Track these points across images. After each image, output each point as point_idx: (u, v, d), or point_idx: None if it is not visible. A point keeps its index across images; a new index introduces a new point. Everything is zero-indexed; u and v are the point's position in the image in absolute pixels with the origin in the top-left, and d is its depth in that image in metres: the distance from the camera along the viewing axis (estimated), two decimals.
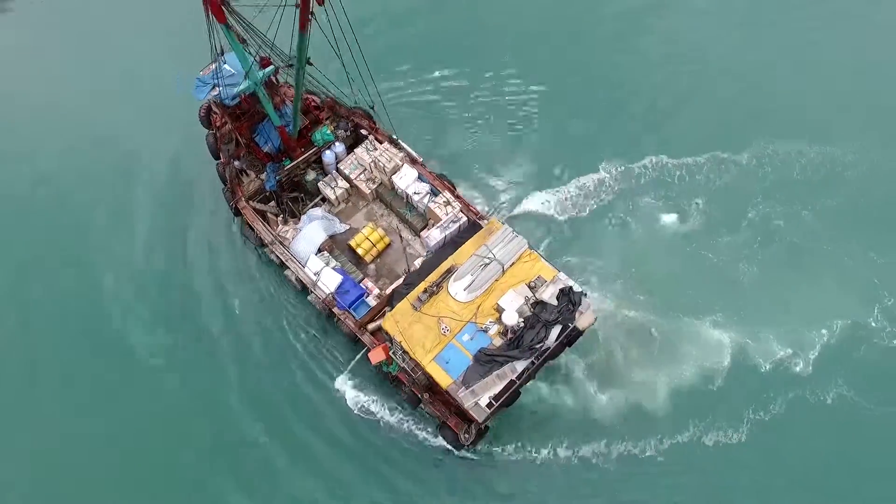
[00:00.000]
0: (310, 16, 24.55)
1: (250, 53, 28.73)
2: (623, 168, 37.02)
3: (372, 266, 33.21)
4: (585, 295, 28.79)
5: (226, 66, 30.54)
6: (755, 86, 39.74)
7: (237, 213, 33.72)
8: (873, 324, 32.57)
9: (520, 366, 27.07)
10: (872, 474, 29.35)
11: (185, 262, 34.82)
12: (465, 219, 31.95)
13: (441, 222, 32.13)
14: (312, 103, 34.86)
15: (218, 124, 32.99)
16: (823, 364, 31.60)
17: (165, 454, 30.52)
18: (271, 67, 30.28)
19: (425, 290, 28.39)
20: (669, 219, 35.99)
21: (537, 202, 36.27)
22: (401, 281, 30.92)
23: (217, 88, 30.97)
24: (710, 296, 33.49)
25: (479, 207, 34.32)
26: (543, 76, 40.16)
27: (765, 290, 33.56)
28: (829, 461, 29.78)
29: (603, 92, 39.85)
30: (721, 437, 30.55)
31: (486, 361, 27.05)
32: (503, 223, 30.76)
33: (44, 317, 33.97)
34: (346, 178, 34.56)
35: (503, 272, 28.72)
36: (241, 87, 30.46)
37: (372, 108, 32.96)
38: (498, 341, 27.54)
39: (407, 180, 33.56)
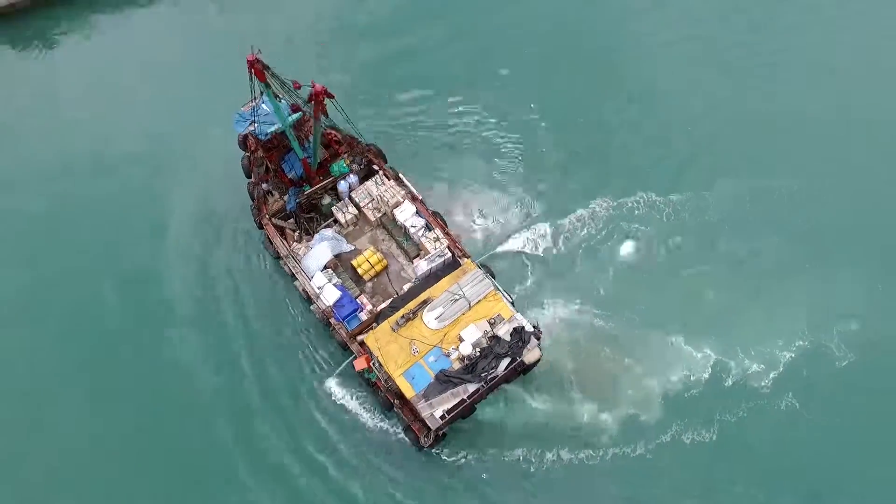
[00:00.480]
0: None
1: (282, 100, 34.82)
2: (598, 207, 42.26)
3: (369, 284, 39.06)
4: (539, 336, 34.30)
5: (262, 105, 36.71)
6: (712, 128, 45.03)
7: (260, 227, 39.97)
8: (823, 346, 37.86)
9: (471, 388, 32.82)
10: (812, 466, 35.29)
11: (212, 264, 41.47)
12: (449, 255, 37.56)
13: (429, 255, 37.82)
14: (334, 138, 40.77)
15: (252, 149, 39.10)
16: (779, 379, 37.06)
17: (187, 425, 37.31)
18: (299, 113, 36.23)
19: (403, 316, 34.31)
20: (633, 249, 41.19)
21: (520, 237, 41.76)
22: (388, 303, 36.83)
23: (254, 124, 37.17)
24: (679, 317, 38.88)
25: (465, 238, 40.05)
26: (519, 125, 45.57)
27: (728, 313, 38.89)
28: (780, 455, 35.39)
29: (580, 136, 45.11)
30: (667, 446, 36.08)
31: (444, 381, 32.89)
32: (477, 264, 36.44)
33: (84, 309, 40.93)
34: (356, 206, 40.44)
35: (469, 308, 34.40)
36: (274, 127, 36.72)
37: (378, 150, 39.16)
38: (457, 365, 33.31)
39: (405, 214, 39.33)
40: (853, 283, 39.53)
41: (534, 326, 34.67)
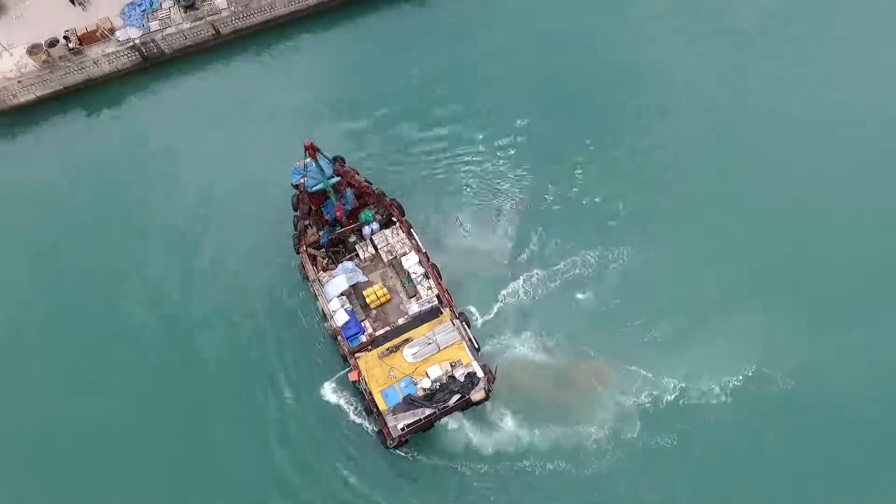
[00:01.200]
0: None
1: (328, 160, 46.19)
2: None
3: (374, 311, 50.04)
4: (493, 380, 44.82)
5: (313, 164, 47.81)
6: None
7: (297, 252, 51.49)
8: (761, 373, 48.33)
9: (427, 412, 43.85)
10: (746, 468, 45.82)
11: (255, 277, 53.62)
12: (436, 303, 48.27)
13: (421, 300, 48.71)
14: (365, 190, 51.58)
15: (300, 190, 50.20)
16: (719, 400, 47.67)
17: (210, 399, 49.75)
18: (337, 178, 47.30)
19: (388, 348, 45.45)
20: (589, 295, 51.46)
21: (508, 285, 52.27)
22: (384, 331, 47.94)
23: (304, 178, 48.37)
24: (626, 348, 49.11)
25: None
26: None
27: (675, 344, 49.10)
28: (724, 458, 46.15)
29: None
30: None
31: (409, 403, 43.93)
32: (456, 313, 47.15)
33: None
34: (374, 247, 51.46)
35: (438, 351, 45.24)
36: (319, 185, 47.86)
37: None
38: (420, 393, 44.32)
39: (410, 262, 50.09)
40: (791, 315, 49.60)
41: (491, 371, 45.33)
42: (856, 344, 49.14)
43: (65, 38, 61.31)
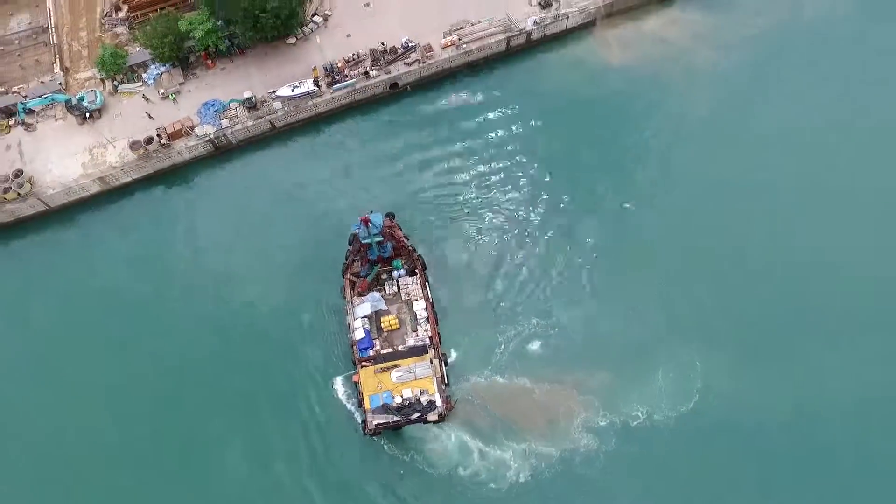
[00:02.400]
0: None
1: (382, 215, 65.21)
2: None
3: (385, 334, 68.66)
4: (450, 408, 62.53)
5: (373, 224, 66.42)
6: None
7: (343, 276, 70.85)
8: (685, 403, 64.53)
9: (395, 418, 61.83)
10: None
11: (307, 291, 73.30)
12: (427, 342, 66.39)
13: (418, 337, 66.83)
14: (401, 244, 69.83)
15: (356, 237, 68.99)
16: (649, 421, 64.44)
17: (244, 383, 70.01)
18: (380, 238, 66.10)
19: (382, 368, 63.75)
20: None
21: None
22: (385, 351, 66.42)
23: (359, 230, 67.35)
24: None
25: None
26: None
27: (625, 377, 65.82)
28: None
29: None
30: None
31: (385, 409, 61.55)
32: (439, 354, 65.16)
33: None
34: (398, 287, 69.97)
35: (415, 379, 63.46)
36: (367, 240, 66.50)
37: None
38: (394, 404, 62.39)
39: (418, 307, 67.68)
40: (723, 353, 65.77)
41: (450, 401, 63.13)
42: (776, 376, 65.44)
43: (157, 135, 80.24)
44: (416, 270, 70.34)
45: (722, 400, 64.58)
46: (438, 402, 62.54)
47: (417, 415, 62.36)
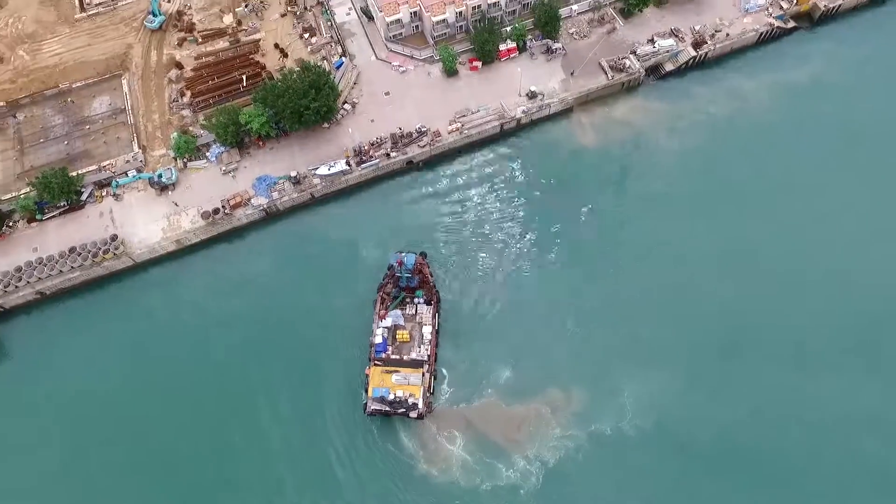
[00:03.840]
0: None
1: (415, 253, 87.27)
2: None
3: (397, 343, 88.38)
4: (429, 410, 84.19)
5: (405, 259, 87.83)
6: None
7: (377, 292, 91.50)
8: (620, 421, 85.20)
9: (385, 408, 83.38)
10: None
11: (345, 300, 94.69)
12: (425, 357, 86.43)
13: (420, 352, 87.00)
14: (426, 279, 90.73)
15: (391, 269, 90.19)
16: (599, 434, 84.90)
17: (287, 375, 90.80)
18: (409, 273, 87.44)
19: (386, 369, 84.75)
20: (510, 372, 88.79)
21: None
22: (394, 357, 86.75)
23: (395, 268, 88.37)
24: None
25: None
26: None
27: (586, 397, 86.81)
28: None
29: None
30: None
31: (380, 400, 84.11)
32: (424, 371, 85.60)
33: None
34: (416, 310, 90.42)
35: (407, 384, 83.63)
36: (399, 274, 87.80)
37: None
38: (389, 398, 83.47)
39: (426, 331, 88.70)
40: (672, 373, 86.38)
41: (429, 406, 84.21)
42: (709, 393, 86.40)
43: (222, 206, 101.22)
44: (432, 302, 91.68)
45: (661, 411, 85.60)
46: (420, 405, 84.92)
47: (403, 410, 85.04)
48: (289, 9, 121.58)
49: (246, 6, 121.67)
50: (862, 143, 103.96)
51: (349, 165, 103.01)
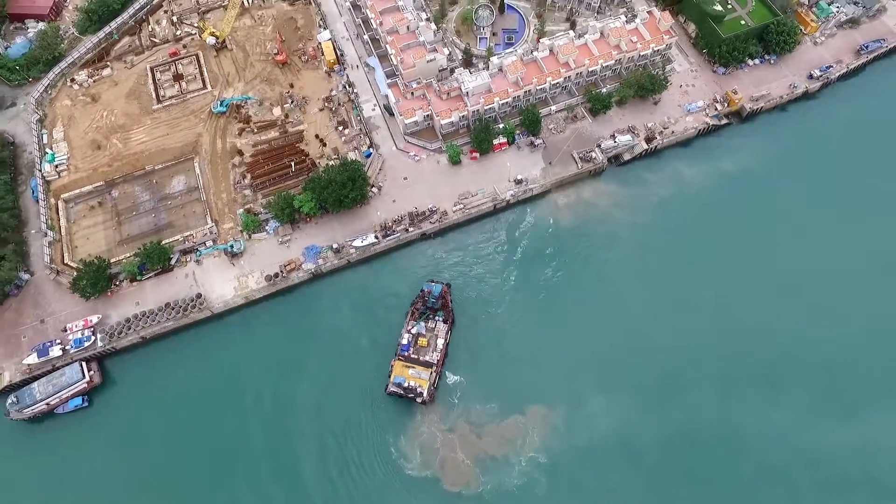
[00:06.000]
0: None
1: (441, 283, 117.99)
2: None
3: (417, 346, 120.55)
4: (433, 398, 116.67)
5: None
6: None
7: (409, 307, 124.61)
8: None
9: (400, 393, 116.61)
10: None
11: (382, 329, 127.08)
12: (434, 363, 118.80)
13: (432, 356, 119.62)
14: (447, 305, 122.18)
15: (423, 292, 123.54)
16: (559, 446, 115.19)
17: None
18: (434, 299, 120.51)
19: (406, 364, 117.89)
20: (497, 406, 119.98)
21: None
22: (414, 356, 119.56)
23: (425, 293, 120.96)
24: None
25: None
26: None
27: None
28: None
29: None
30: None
31: (398, 386, 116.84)
32: (432, 371, 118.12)
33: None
34: (435, 325, 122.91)
35: (419, 378, 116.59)
36: (430, 299, 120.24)
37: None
38: (404, 385, 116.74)
39: (439, 342, 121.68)
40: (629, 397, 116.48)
41: (433, 395, 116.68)
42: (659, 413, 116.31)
43: (280, 271, 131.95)
44: (447, 322, 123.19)
45: (630, 426, 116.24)
46: (425, 395, 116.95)
47: (412, 396, 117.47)
48: (326, 104, 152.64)
49: (291, 102, 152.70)
50: (770, 217, 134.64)
51: (377, 238, 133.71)
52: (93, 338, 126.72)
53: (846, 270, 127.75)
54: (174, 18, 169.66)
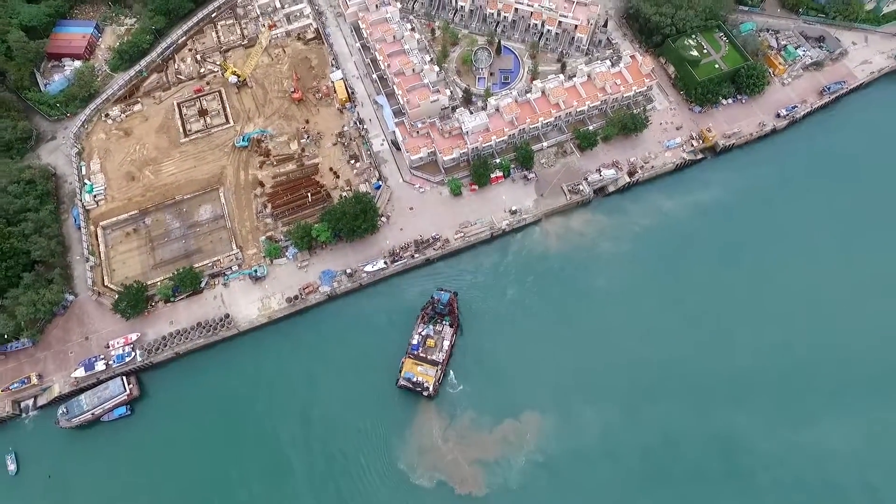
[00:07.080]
0: None
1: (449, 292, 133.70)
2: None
3: (426, 346, 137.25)
4: (437, 393, 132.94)
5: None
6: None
7: (420, 311, 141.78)
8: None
9: (409, 386, 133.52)
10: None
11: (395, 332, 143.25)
12: (442, 363, 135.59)
13: (437, 356, 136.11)
14: (453, 311, 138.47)
15: (433, 299, 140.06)
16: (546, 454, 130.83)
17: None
18: (442, 305, 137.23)
19: (415, 362, 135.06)
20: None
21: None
22: (423, 355, 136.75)
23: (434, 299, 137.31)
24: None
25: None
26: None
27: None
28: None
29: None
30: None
31: (407, 380, 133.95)
32: (437, 370, 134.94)
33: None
34: (442, 328, 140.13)
35: (426, 374, 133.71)
36: (439, 305, 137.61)
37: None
38: (413, 380, 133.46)
39: (445, 344, 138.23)
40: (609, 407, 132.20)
41: (436, 389, 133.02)
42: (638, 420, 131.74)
43: (299, 293, 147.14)
44: (453, 326, 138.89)
45: (616, 432, 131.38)
46: (431, 389, 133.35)
47: (419, 390, 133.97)
48: (338, 139, 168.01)
49: (307, 137, 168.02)
50: (741, 246, 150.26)
51: (386, 263, 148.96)
52: (133, 353, 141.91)
53: (807, 292, 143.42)
54: (198, 57, 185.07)
